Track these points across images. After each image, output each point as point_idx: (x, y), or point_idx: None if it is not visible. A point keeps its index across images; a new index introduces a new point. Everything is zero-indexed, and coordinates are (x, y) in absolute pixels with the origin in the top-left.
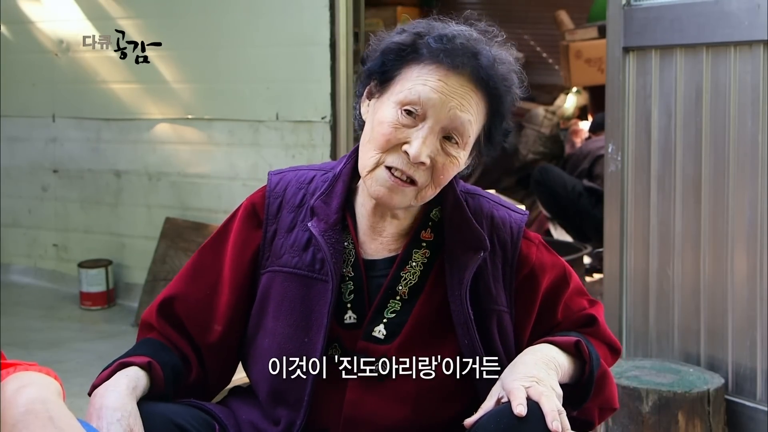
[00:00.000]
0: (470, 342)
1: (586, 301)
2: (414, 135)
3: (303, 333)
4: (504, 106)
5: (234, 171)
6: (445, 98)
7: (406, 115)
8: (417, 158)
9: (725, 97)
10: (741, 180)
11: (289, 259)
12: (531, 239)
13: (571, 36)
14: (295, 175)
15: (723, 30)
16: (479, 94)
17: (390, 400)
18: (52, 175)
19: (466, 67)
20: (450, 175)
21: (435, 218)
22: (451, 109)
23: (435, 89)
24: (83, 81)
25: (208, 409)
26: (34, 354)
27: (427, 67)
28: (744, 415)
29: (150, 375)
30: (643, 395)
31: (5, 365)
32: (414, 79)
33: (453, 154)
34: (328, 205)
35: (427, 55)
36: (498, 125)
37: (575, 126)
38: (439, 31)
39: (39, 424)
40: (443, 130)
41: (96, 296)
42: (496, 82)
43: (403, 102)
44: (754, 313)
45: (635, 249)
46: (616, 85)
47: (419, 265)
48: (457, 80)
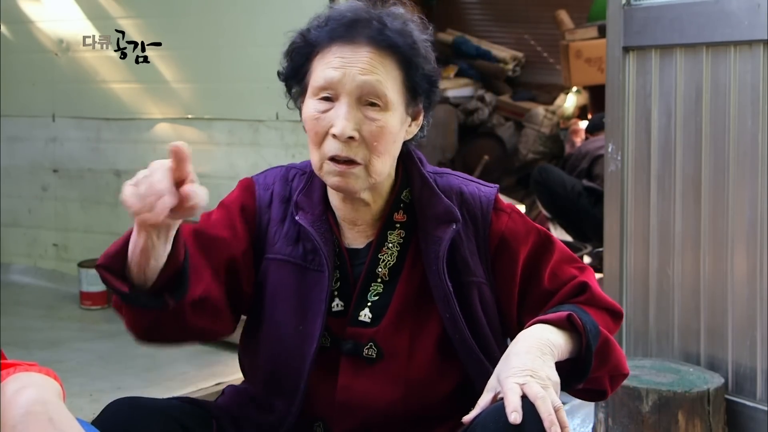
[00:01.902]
0: (451, 315)
1: (575, 268)
2: (334, 116)
3: (298, 320)
4: (412, 55)
5: (234, 171)
6: (346, 70)
7: (324, 102)
8: (343, 135)
9: (725, 96)
10: (741, 179)
11: (282, 247)
12: (503, 209)
13: (571, 35)
14: (279, 172)
15: (723, 29)
16: (381, 54)
17: (382, 383)
18: (52, 175)
19: (358, 36)
20: (387, 139)
21: (406, 199)
22: (355, 77)
23: (336, 67)
24: (83, 81)
25: (205, 406)
26: (34, 354)
27: (325, 52)
28: (744, 415)
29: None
30: (643, 395)
31: (5, 365)
32: (319, 68)
33: (378, 118)
34: (311, 199)
35: (321, 42)
36: (415, 74)
37: (575, 125)
38: (324, 16)
39: (39, 426)
40: (358, 99)
41: (96, 296)
42: (393, 37)
43: (316, 92)
44: (754, 312)
45: (635, 248)
46: (616, 85)
47: (396, 246)
48: (353, 51)
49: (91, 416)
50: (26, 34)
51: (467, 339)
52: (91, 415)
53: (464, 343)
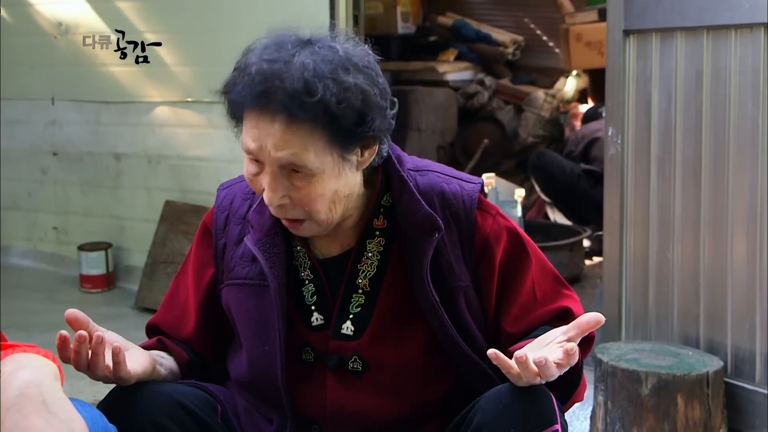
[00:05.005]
0: (440, 323)
1: (560, 287)
2: (264, 182)
3: (262, 342)
4: (328, 113)
5: (233, 154)
6: (261, 143)
7: (254, 163)
8: (272, 205)
9: (725, 80)
10: (741, 163)
11: (240, 271)
12: (487, 210)
13: (571, 19)
14: (241, 187)
15: (724, 13)
16: (296, 123)
17: (371, 394)
18: (51, 158)
19: (270, 103)
20: (321, 200)
21: (387, 203)
22: (270, 153)
23: (253, 138)
24: (82, 64)
25: (210, 390)
26: (34, 336)
27: (246, 115)
28: (743, 398)
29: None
30: (642, 378)
31: (5, 347)
32: (244, 130)
33: (303, 186)
34: (262, 215)
35: (243, 104)
36: (340, 131)
37: (575, 109)
38: (239, 70)
39: (32, 408)
40: (281, 168)
41: (96, 279)
42: (306, 105)
43: (245, 153)
44: (753, 296)
45: (635, 232)
46: (616, 69)
47: (375, 255)
48: (266, 121)
49: (91, 398)
50: (25, 17)
51: (458, 343)
52: (91, 398)
53: (455, 348)
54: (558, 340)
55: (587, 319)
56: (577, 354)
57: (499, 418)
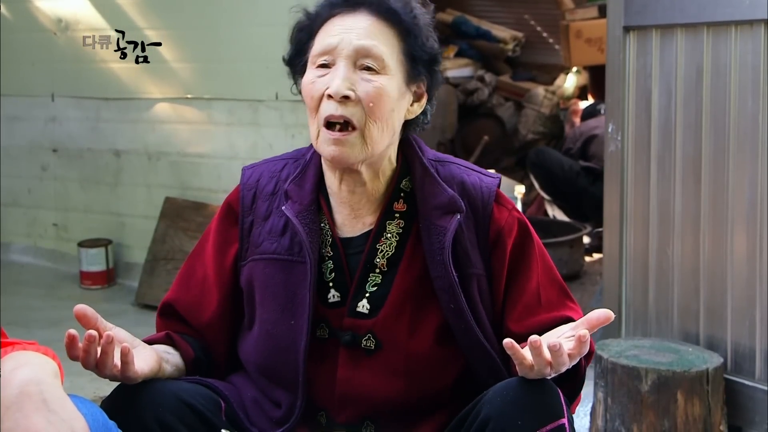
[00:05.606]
0: (456, 306)
1: (566, 300)
2: (330, 78)
3: (289, 316)
4: (412, 26)
5: (233, 150)
6: (344, 35)
7: (321, 69)
8: (338, 93)
9: (726, 76)
10: (741, 160)
11: (268, 246)
12: (503, 203)
13: (571, 15)
14: (267, 167)
15: (724, 9)
16: (381, 22)
17: (381, 374)
18: (51, 155)
19: (359, 6)
20: (384, 102)
21: (406, 189)
22: (352, 41)
23: (334, 35)
24: (82, 60)
25: (214, 387)
26: (35, 333)
27: (327, 25)
28: (743, 394)
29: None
30: (642, 374)
31: (4, 344)
32: (319, 39)
33: (374, 80)
34: (302, 188)
35: (323, 15)
36: (415, 45)
37: (575, 106)
38: None
39: (32, 407)
40: (355, 63)
41: (96, 275)
42: (394, 6)
43: (314, 60)
44: (753, 292)
45: (635, 229)
46: (616, 65)
47: (394, 236)
48: (352, 19)
49: (92, 395)
50: (25, 14)
51: (472, 329)
52: (92, 394)
53: (469, 333)
54: (567, 335)
55: (597, 315)
56: (589, 342)
57: (506, 412)
